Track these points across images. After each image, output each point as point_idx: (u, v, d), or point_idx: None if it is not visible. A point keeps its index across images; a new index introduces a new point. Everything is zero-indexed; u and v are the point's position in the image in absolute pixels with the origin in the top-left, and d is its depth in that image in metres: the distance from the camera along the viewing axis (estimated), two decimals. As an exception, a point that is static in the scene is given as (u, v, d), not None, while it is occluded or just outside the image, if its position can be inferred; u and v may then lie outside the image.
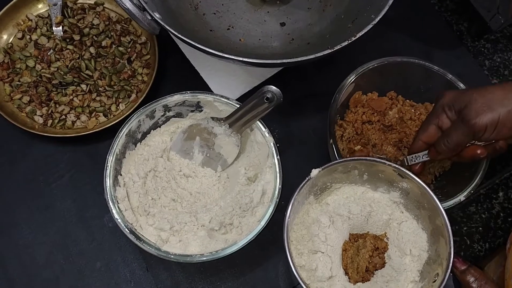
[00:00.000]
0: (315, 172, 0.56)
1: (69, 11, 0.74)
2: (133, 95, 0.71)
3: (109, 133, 0.64)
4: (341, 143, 0.67)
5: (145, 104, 0.63)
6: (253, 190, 0.60)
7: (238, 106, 0.61)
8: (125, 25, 0.75)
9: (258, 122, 0.61)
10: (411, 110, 0.67)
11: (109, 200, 0.58)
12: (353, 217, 0.59)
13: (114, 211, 0.58)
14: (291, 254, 0.53)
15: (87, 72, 0.71)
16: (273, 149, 0.61)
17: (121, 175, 0.61)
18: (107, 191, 0.59)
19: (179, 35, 0.57)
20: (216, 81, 0.72)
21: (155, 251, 0.57)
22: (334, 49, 0.57)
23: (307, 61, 0.57)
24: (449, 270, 0.51)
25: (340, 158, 0.61)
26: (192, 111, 0.66)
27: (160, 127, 0.66)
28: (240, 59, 0.57)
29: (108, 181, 0.59)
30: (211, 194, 0.63)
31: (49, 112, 0.69)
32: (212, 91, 0.72)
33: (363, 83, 0.66)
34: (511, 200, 0.69)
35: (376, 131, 0.67)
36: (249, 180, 0.63)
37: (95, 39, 0.73)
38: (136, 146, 0.64)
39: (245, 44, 0.70)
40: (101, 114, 0.70)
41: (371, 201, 0.60)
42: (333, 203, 0.60)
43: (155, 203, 0.62)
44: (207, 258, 0.56)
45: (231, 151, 0.64)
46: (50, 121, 0.69)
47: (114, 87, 0.71)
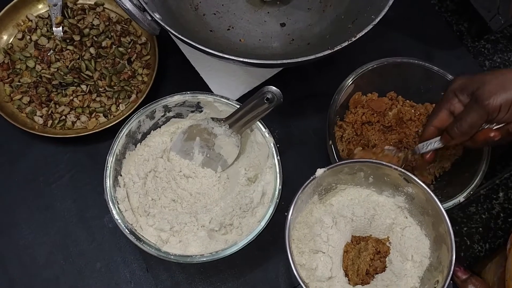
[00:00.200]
0: (320, 171, 0.56)
1: (69, 11, 0.74)
2: (133, 96, 0.71)
3: (109, 133, 0.64)
4: (340, 144, 0.67)
5: (145, 104, 0.63)
6: (253, 190, 0.60)
7: (238, 106, 0.61)
8: (125, 26, 0.75)
9: (258, 122, 0.61)
10: (411, 111, 0.67)
11: (109, 201, 0.58)
12: (356, 219, 0.59)
13: (114, 211, 0.58)
14: (291, 252, 0.53)
15: (87, 72, 0.71)
16: (273, 149, 0.61)
17: (121, 175, 0.61)
18: (107, 191, 0.59)
19: (179, 36, 0.58)
20: (216, 82, 0.72)
21: (155, 251, 0.57)
22: (334, 50, 0.57)
23: (307, 61, 0.57)
24: (449, 278, 0.51)
25: (340, 159, 0.61)
26: (192, 111, 0.66)
27: (160, 127, 0.66)
28: (240, 59, 0.57)
29: (108, 182, 0.59)
30: (211, 195, 0.63)
31: (49, 112, 0.69)
32: (212, 92, 0.72)
33: (363, 83, 0.66)
34: (511, 200, 0.69)
35: (376, 131, 0.67)
36: (249, 180, 0.63)
37: (95, 39, 0.73)
38: (136, 147, 0.64)
39: (245, 45, 0.70)
40: (101, 115, 0.70)
41: (376, 204, 0.60)
42: (337, 204, 0.60)
43: (155, 203, 0.62)
44: (207, 259, 0.56)
45: (231, 151, 0.64)
46: (50, 122, 0.69)
47: (114, 87, 0.71)
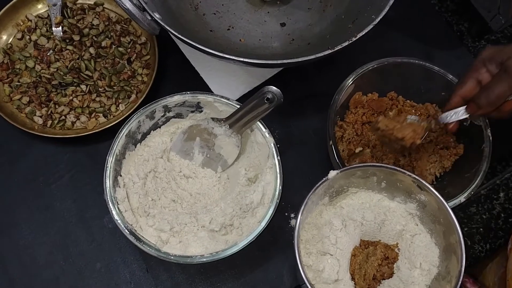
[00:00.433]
0: (333, 173, 0.56)
1: (68, 11, 0.74)
2: (133, 96, 0.71)
3: (109, 133, 0.64)
4: (341, 144, 0.67)
5: (145, 104, 0.63)
6: (253, 191, 0.60)
7: (238, 106, 0.61)
8: (125, 26, 0.75)
9: (258, 122, 0.61)
10: (411, 111, 0.67)
11: (109, 201, 0.58)
12: (366, 223, 0.58)
13: (114, 212, 0.58)
14: (299, 252, 0.53)
15: (86, 72, 0.71)
16: (274, 149, 0.60)
17: (121, 175, 0.61)
18: (107, 192, 0.58)
19: (179, 36, 0.57)
20: (216, 82, 0.72)
21: (155, 252, 0.57)
22: (335, 50, 0.57)
23: (307, 61, 0.57)
24: None
25: (340, 159, 0.60)
26: (192, 111, 0.66)
27: (160, 127, 0.66)
28: (240, 59, 0.57)
29: (108, 182, 0.59)
30: (211, 195, 0.63)
31: (49, 112, 0.69)
32: (212, 92, 0.72)
33: (363, 83, 0.66)
34: (511, 200, 0.69)
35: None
36: (249, 181, 0.63)
37: (95, 39, 0.73)
38: (136, 147, 0.64)
39: (245, 45, 0.70)
40: (101, 115, 0.70)
41: (387, 209, 0.60)
42: (348, 207, 0.60)
43: (155, 204, 0.62)
44: (207, 259, 0.56)
45: (231, 151, 0.64)
46: (49, 122, 0.69)
47: (114, 87, 0.71)
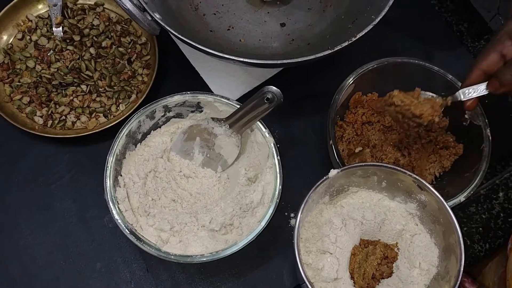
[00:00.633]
0: (333, 172, 0.56)
1: (69, 11, 0.74)
2: (133, 96, 0.71)
3: (109, 133, 0.64)
4: (341, 144, 0.67)
5: (145, 104, 0.63)
6: (253, 190, 0.60)
7: (239, 106, 0.61)
8: (125, 26, 0.75)
9: (258, 122, 0.61)
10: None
11: (109, 201, 0.58)
12: (366, 222, 0.59)
13: (114, 211, 0.58)
14: (299, 250, 0.53)
15: (87, 72, 0.71)
16: (273, 149, 0.60)
17: (121, 175, 0.61)
18: (107, 191, 0.59)
19: (179, 36, 0.58)
20: (216, 82, 0.72)
21: (155, 251, 0.57)
22: (334, 50, 0.57)
23: (307, 61, 0.57)
24: None
25: (340, 159, 0.61)
26: (192, 111, 0.66)
27: (160, 127, 0.66)
28: (240, 59, 0.57)
29: (108, 182, 0.59)
30: (211, 195, 0.63)
31: (49, 112, 0.69)
32: (212, 92, 0.72)
33: (363, 83, 0.66)
34: (511, 200, 0.69)
35: (376, 131, 0.67)
36: (249, 180, 0.63)
37: (95, 39, 0.73)
38: (136, 147, 0.64)
39: (245, 45, 0.70)
40: (101, 115, 0.70)
41: (387, 209, 0.60)
42: (348, 206, 0.60)
43: (155, 203, 0.62)
44: (207, 259, 0.56)
45: (231, 151, 0.64)
46: (50, 122, 0.69)
47: (114, 87, 0.71)
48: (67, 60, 0.71)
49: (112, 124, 0.68)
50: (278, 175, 0.59)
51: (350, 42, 0.57)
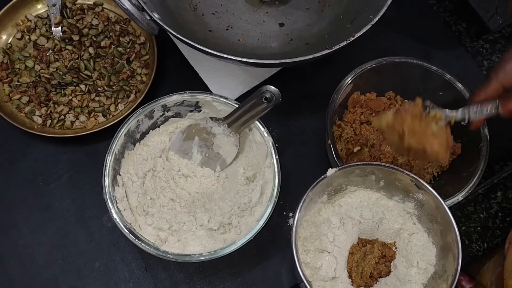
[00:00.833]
0: (331, 171, 0.56)
1: (68, 11, 0.74)
2: (132, 95, 0.71)
3: (108, 133, 0.65)
4: (339, 143, 0.67)
5: (144, 104, 0.63)
6: (251, 189, 0.60)
7: (237, 106, 0.61)
8: (124, 26, 0.75)
9: (256, 122, 0.61)
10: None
11: (108, 200, 0.58)
12: (364, 221, 0.59)
13: (113, 211, 0.58)
14: (297, 249, 0.53)
15: (86, 72, 0.71)
16: (272, 149, 0.61)
17: (120, 175, 0.61)
18: (106, 191, 0.59)
19: (178, 35, 0.58)
20: (215, 81, 0.73)
21: (154, 250, 0.57)
22: (333, 49, 0.57)
23: (305, 61, 0.57)
24: (453, 287, 0.51)
25: (338, 158, 0.61)
26: (191, 111, 0.66)
27: (159, 127, 0.66)
28: (239, 59, 0.57)
29: (107, 181, 0.59)
30: (210, 194, 0.64)
31: (48, 112, 0.69)
32: (211, 91, 0.72)
33: (361, 83, 0.66)
34: (509, 199, 0.69)
35: (375, 131, 0.67)
36: (248, 180, 0.63)
37: (94, 39, 0.73)
38: (135, 146, 0.64)
39: (244, 44, 0.70)
40: (100, 114, 0.70)
41: (385, 208, 0.60)
42: (346, 206, 0.60)
43: (154, 203, 0.62)
44: (206, 258, 0.57)
45: (230, 151, 0.64)
46: (49, 121, 0.69)
47: (113, 87, 0.71)
48: (66, 59, 0.71)
49: (111, 123, 0.68)
50: (277, 174, 0.60)
51: (348, 41, 0.57)
